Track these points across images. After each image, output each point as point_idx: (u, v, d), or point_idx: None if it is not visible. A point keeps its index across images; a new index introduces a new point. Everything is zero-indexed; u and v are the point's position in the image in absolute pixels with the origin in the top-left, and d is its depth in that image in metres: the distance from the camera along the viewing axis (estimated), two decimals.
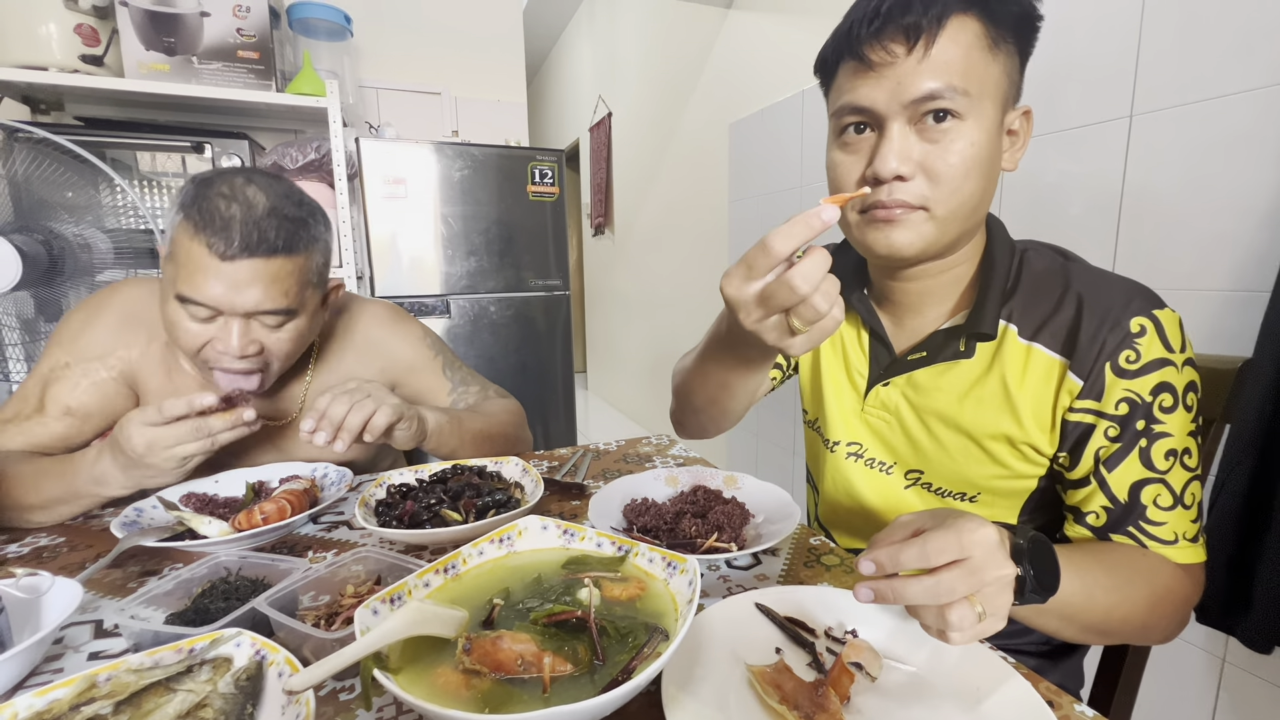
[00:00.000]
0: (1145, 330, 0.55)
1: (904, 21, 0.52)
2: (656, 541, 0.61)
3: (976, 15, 0.53)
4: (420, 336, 1.00)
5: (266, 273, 0.71)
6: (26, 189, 1.33)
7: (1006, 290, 0.62)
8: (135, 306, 0.84)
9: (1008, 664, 0.43)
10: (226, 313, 0.72)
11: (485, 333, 2.23)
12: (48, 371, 0.80)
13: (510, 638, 0.39)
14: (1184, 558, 0.55)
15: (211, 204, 0.69)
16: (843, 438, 0.74)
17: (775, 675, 0.42)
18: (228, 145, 1.71)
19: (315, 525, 0.72)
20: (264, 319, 0.74)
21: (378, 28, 2.29)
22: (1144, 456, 0.55)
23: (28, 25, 1.52)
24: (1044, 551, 0.44)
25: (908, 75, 0.52)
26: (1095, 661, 0.70)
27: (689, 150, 3.00)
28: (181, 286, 0.70)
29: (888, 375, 0.68)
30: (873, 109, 0.55)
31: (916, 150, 0.54)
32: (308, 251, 0.76)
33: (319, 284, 0.81)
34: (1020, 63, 0.57)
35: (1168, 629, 0.56)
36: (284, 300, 0.74)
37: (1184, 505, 0.55)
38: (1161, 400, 0.55)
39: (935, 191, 0.55)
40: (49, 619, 0.48)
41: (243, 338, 0.73)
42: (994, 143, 0.56)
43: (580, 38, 4.59)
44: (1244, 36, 0.98)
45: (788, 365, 0.84)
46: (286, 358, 0.80)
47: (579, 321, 5.53)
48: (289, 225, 0.73)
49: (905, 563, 0.40)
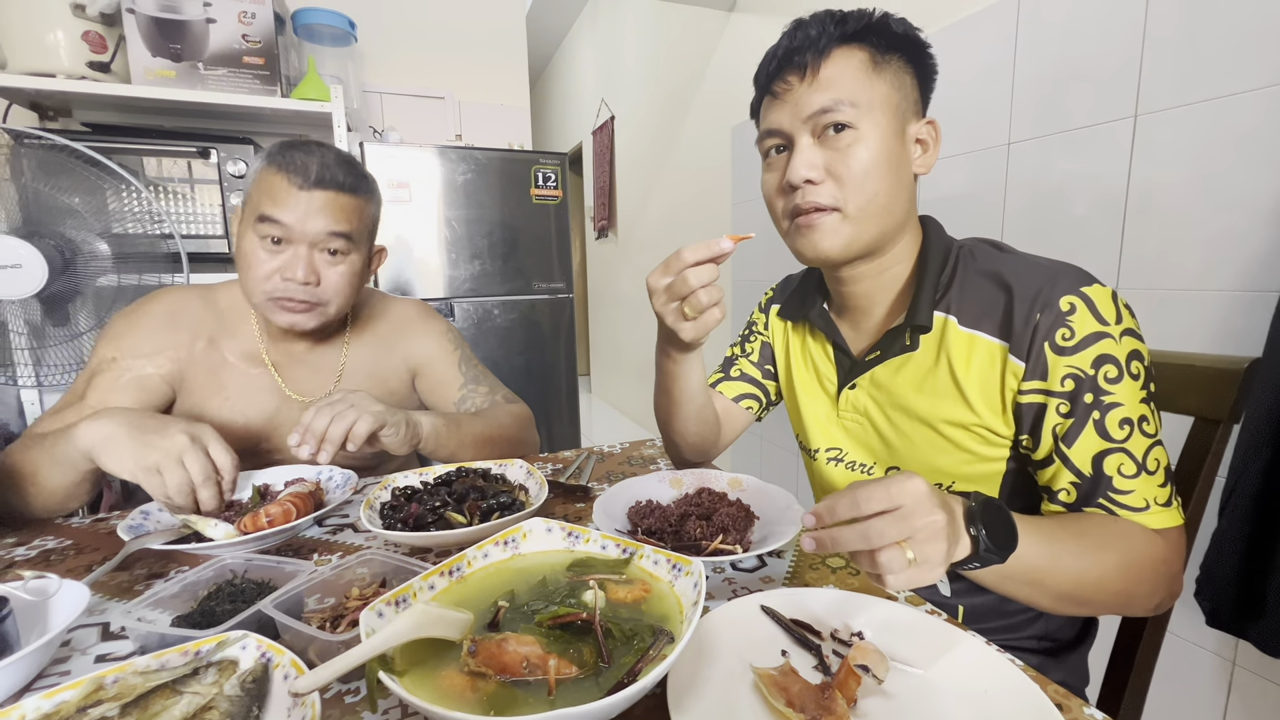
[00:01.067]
0: (1075, 307, 0.58)
1: (794, 60, 0.64)
2: (661, 544, 0.61)
3: (859, 45, 0.63)
4: (443, 332, 1.07)
5: (335, 204, 0.84)
6: (34, 194, 1.34)
7: (942, 283, 0.67)
8: (179, 309, 0.91)
9: (1015, 666, 0.43)
10: (296, 239, 0.83)
11: (489, 336, 2.24)
12: (95, 365, 0.87)
13: (515, 640, 0.39)
14: (1158, 522, 0.56)
15: (293, 153, 0.83)
16: (822, 444, 0.80)
17: (781, 678, 0.41)
18: (233, 150, 1.72)
19: (320, 528, 0.73)
20: (329, 245, 0.85)
21: (382, 33, 2.31)
22: (1099, 428, 0.57)
23: (36, 32, 1.53)
24: (996, 512, 0.47)
25: (803, 97, 0.63)
26: (1103, 664, 0.69)
27: (691, 153, 3.01)
28: (263, 207, 0.81)
29: (851, 377, 0.74)
30: (781, 129, 0.66)
31: (821, 158, 0.63)
32: (368, 198, 0.89)
33: (370, 235, 0.93)
34: (918, 80, 0.66)
35: (1152, 595, 0.56)
36: (347, 227, 0.85)
37: (1148, 471, 0.56)
38: (1106, 371, 0.57)
39: (843, 192, 0.63)
40: (56, 621, 0.48)
41: (306, 266, 0.83)
42: (892, 148, 0.63)
43: (583, 41, 4.61)
44: (1249, 35, 0.98)
45: (765, 398, 0.91)
46: (341, 295, 0.89)
47: (581, 324, 5.54)
48: (354, 173, 0.86)
49: (839, 512, 0.44)
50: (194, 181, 1.70)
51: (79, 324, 1.43)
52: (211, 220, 1.73)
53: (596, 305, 5.06)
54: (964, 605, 0.70)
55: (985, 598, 0.68)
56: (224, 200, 1.72)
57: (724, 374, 0.92)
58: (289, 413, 0.93)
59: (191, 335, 0.90)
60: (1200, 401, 0.65)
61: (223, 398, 0.90)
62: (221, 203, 1.73)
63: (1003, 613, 0.69)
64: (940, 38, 1.50)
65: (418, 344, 1.03)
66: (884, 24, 0.63)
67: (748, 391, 0.90)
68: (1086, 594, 0.54)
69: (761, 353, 0.91)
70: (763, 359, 0.90)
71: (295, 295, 0.84)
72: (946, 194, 1.52)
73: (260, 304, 0.85)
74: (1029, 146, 1.33)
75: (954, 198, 1.51)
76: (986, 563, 0.46)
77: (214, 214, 1.73)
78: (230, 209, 1.73)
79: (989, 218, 1.43)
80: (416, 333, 1.04)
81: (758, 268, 2.45)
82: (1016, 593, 0.54)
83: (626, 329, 4.29)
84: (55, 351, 1.41)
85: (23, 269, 1.27)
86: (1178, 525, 0.57)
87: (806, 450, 0.84)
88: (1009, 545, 0.46)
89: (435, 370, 1.03)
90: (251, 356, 0.93)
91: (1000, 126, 1.39)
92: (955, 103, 1.47)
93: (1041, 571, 0.51)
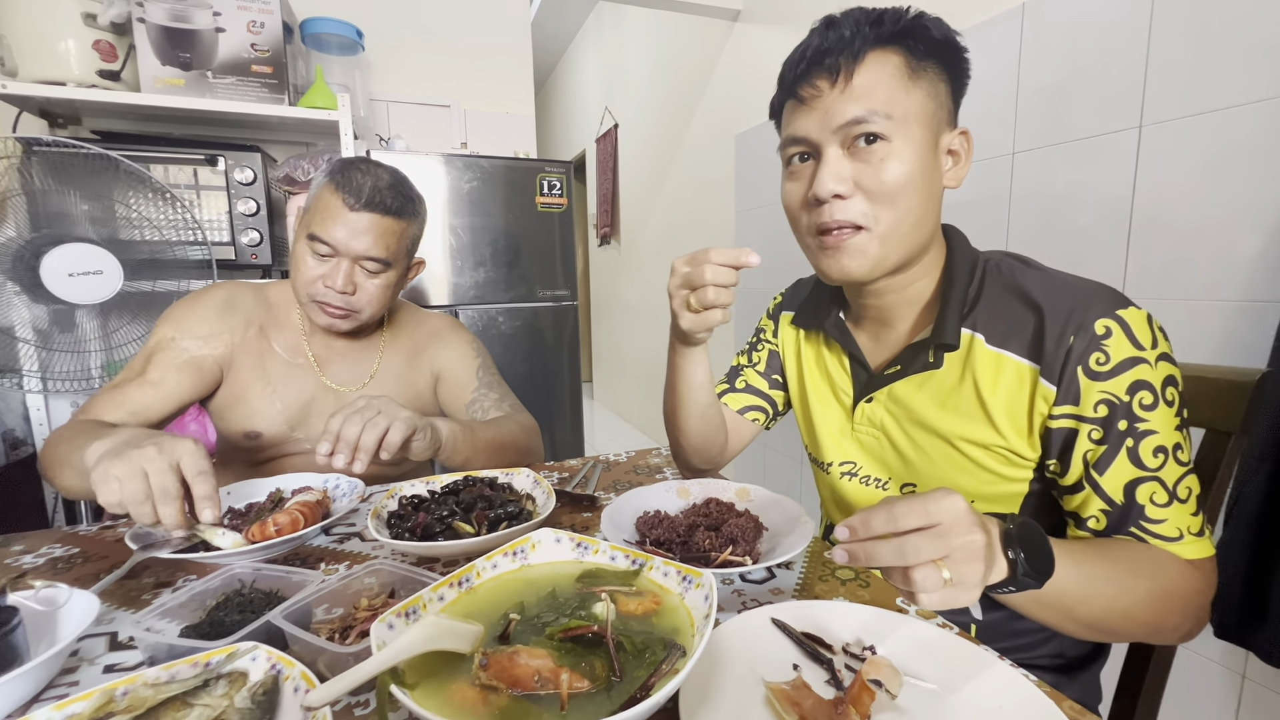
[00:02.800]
0: (1111, 331, 0.56)
1: (825, 62, 0.59)
2: (670, 555, 0.60)
3: (895, 49, 0.59)
4: (468, 342, 1.14)
5: (379, 226, 0.91)
6: (44, 202, 1.35)
7: (969, 300, 0.65)
8: (235, 299, 0.99)
9: (1030, 682, 0.43)
10: (341, 253, 0.90)
11: (494, 343, 2.24)
12: (154, 344, 0.93)
13: (527, 653, 0.39)
14: (1191, 553, 0.55)
15: (352, 171, 0.90)
16: (835, 458, 0.78)
17: (794, 693, 0.41)
18: (240, 158, 1.73)
19: (327, 537, 0.72)
20: (366, 265, 0.92)
21: (388, 42, 2.32)
22: (1133, 456, 0.55)
23: (47, 41, 1.55)
24: (1034, 536, 0.45)
25: (834, 104, 0.59)
26: (1114, 678, 0.69)
27: (695, 161, 3.02)
28: (315, 227, 0.89)
29: (868, 391, 0.72)
30: (808, 137, 0.62)
31: (850, 170, 0.60)
32: (410, 220, 0.96)
33: (410, 252, 1.00)
34: (951, 88, 0.63)
35: (1181, 626, 0.55)
36: (385, 252, 0.92)
37: (1179, 500, 0.55)
38: (1141, 398, 0.55)
39: (873, 208, 0.60)
40: (65, 631, 0.48)
41: (345, 277, 0.91)
42: (926, 162, 0.60)
43: (587, 50, 4.64)
44: (1254, 46, 0.98)
45: (772, 409, 0.90)
46: (375, 303, 0.96)
47: (585, 331, 5.54)
48: (402, 198, 0.93)
49: (875, 527, 0.42)
50: (201, 189, 1.71)
51: (86, 332, 1.44)
52: (219, 227, 1.74)
53: (599, 312, 5.07)
54: (975, 623, 0.68)
55: (998, 614, 0.67)
56: (230, 207, 1.73)
57: (729, 385, 0.90)
58: (324, 401, 1.00)
59: (245, 323, 0.98)
60: (1212, 413, 0.65)
61: (264, 382, 0.97)
62: (229, 210, 1.73)
63: (1015, 631, 0.68)
64: None
65: (443, 352, 1.10)
66: (922, 26, 0.59)
67: (753, 404, 0.88)
68: (1114, 623, 0.53)
69: (769, 362, 0.88)
70: (770, 368, 0.88)
71: (334, 301, 0.92)
72: (951, 203, 1.52)
73: (305, 303, 0.94)
74: (1033, 156, 1.34)
75: (958, 207, 1.51)
76: (1023, 587, 0.44)
77: (221, 221, 1.74)
78: (237, 215, 1.74)
79: (994, 227, 1.43)
80: (444, 342, 1.11)
81: (759, 274, 2.45)
82: (1046, 618, 0.53)
83: (629, 336, 4.29)
84: (61, 358, 1.42)
85: (104, 275, 1.37)
86: (1210, 556, 0.56)
87: (819, 463, 0.81)
88: (1046, 571, 0.45)
89: (453, 374, 1.09)
90: (294, 348, 1.00)
91: (1005, 136, 1.39)
92: (960, 112, 1.47)
93: (1073, 597, 0.50)
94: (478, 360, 1.11)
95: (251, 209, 1.74)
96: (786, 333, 0.86)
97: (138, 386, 0.89)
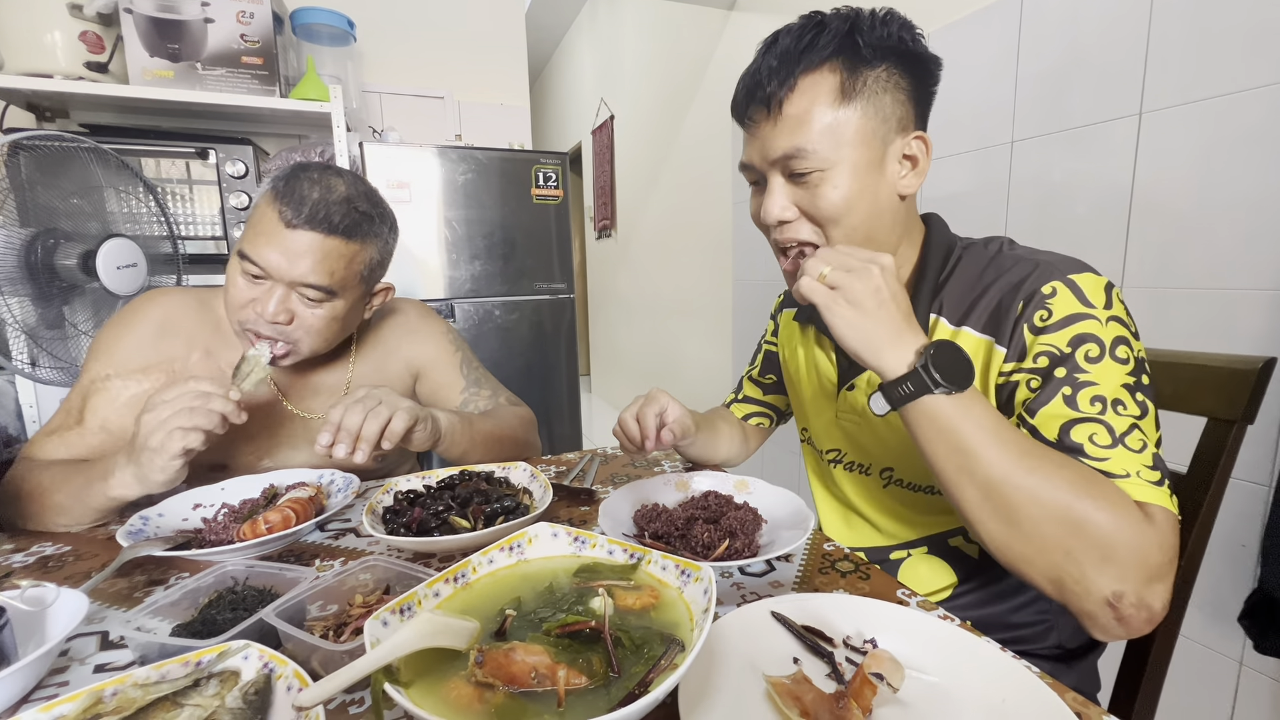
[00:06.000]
0: (1057, 291, 0.56)
1: (758, 94, 0.60)
2: (668, 548, 0.60)
3: (832, 65, 0.58)
4: (444, 332, 1.04)
5: (321, 248, 0.77)
6: (31, 196, 1.33)
7: (938, 285, 0.66)
8: (171, 317, 0.86)
9: (1032, 673, 0.42)
10: (274, 277, 0.77)
11: (490, 337, 2.23)
12: (88, 384, 0.82)
13: (523, 649, 0.38)
14: (1141, 494, 0.49)
15: (298, 182, 0.77)
16: (824, 445, 0.81)
17: (794, 687, 0.41)
18: (231, 151, 1.70)
19: (322, 533, 0.72)
20: (305, 293, 0.78)
21: (381, 32, 2.30)
22: (1068, 401, 0.53)
23: (33, 33, 1.52)
24: (957, 350, 0.50)
25: (768, 137, 0.61)
26: (1114, 669, 0.69)
27: (692, 151, 3.00)
28: (245, 244, 0.77)
29: (849, 378, 0.74)
30: (752, 165, 0.65)
31: (793, 196, 0.62)
32: (363, 243, 0.81)
33: (366, 279, 0.85)
34: (912, 85, 0.60)
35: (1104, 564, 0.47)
36: (327, 279, 0.78)
37: (1128, 447, 0.50)
38: (1087, 350, 0.54)
39: (822, 229, 0.63)
40: (54, 631, 0.47)
41: (278, 304, 0.77)
42: (867, 181, 0.60)
43: (582, 40, 4.60)
44: (1255, 32, 0.97)
45: (774, 413, 0.96)
46: (316, 336, 0.82)
47: (582, 324, 5.52)
48: (355, 215, 0.79)
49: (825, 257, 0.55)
50: (192, 182, 1.69)
51: (77, 324, 1.43)
52: (210, 221, 1.72)
53: (596, 304, 5.05)
54: (970, 618, 0.68)
55: (993, 609, 0.68)
56: (223, 201, 1.71)
57: (735, 395, 0.99)
58: (294, 428, 0.90)
59: (187, 346, 0.85)
60: (1214, 402, 0.64)
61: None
62: (220, 203, 1.72)
63: (1010, 624, 0.68)
64: (943, 35, 1.50)
65: (418, 347, 1.01)
66: (853, 41, 0.57)
67: (756, 411, 0.96)
68: (1017, 500, 0.48)
69: (764, 365, 0.94)
70: (765, 370, 0.94)
71: (264, 331, 0.79)
72: (950, 192, 1.52)
73: (235, 330, 0.81)
74: (1033, 144, 1.33)
75: (957, 196, 1.50)
76: (934, 385, 0.49)
77: (213, 215, 1.72)
78: (229, 209, 1.72)
79: (992, 216, 1.42)
80: (417, 335, 1.02)
81: (764, 269, 2.44)
82: (944, 464, 0.51)
83: (626, 328, 4.28)
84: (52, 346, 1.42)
85: (137, 267, 1.40)
86: (1166, 508, 0.49)
87: (814, 447, 0.85)
88: (958, 380, 0.48)
89: (437, 373, 1.01)
90: None
91: (1004, 124, 1.38)
92: (958, 100, 1.46)
93: (979, 443, 0.49)
94: (459, 355, 1.03)
95: (243, 203, 1.72)
96: (787, 329, 0.88)
97: (78, 435, 0.80)
